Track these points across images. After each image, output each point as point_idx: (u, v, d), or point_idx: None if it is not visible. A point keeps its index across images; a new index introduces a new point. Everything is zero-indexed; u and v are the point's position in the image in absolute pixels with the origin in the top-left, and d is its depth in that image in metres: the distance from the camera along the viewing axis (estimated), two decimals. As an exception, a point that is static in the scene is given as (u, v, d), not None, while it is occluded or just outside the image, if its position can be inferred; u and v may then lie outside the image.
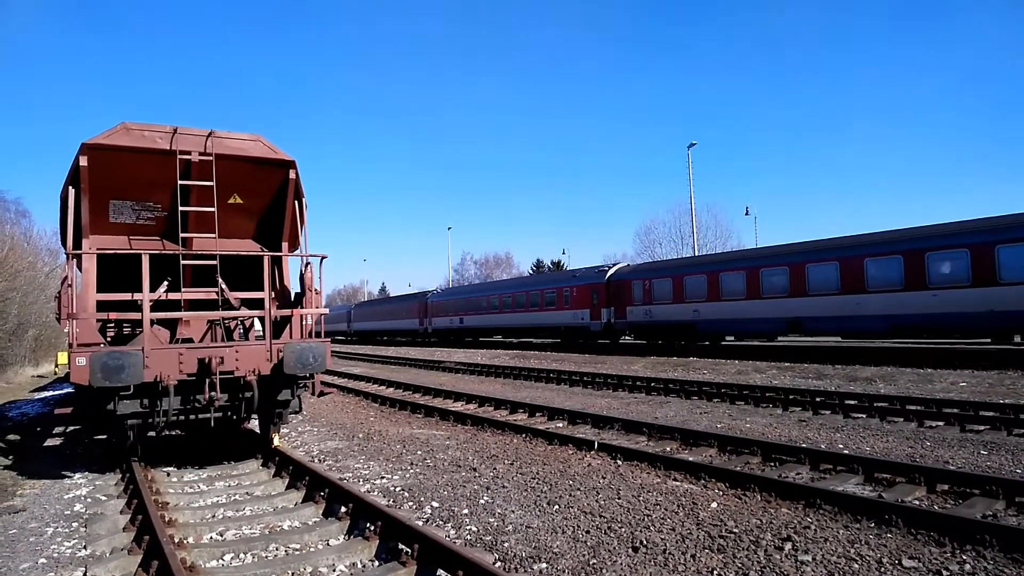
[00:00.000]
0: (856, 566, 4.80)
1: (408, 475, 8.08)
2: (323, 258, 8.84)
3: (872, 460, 7.48)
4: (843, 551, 5.06)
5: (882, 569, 4.74)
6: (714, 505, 6.35)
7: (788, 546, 5.17)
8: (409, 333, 55.00)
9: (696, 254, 40.69)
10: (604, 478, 7.52)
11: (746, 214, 60.80)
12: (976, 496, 6.30)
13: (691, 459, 8.10)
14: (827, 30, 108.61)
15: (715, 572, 4.79)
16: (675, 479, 7.39)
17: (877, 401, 12.07)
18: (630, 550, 5.25)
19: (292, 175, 8.82)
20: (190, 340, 8.74)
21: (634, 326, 30.22)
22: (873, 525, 5.60)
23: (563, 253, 77.89)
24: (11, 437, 12.30)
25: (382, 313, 61.98)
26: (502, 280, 48.78)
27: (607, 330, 31.91)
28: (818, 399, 12.61)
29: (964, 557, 4.88)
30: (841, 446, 8.93)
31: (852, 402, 12.16)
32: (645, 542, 5.38)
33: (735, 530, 5.59)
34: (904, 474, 6.99)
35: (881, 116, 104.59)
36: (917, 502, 6.34)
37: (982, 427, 9.85)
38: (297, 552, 5.50)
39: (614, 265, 33.65)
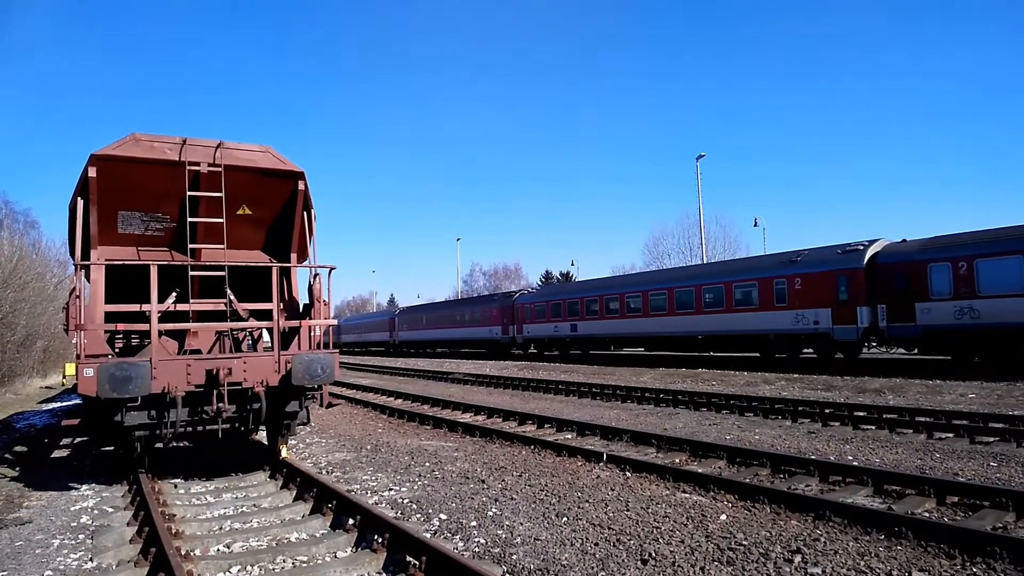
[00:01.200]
0: (867, 579, 4.76)
1: (416, 487, 8.06)
2: (332, 269, 8.87)
3: (882, 472, 7.43)
4: (853, 563, 5.02)
5: (894, 582, 4.70)
6: (723, 517, 6.31)
7: (798, 558, 5.14)
8: (487, 344, 43.00)
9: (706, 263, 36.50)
10: (613, 490, 7.49)
11: (755, 225, 60.56)
12: (986, 508, 6.25)
13: (700, 471, 8.06)
14: (833, 41, 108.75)
15: (725, 585, 4.75)
16: (684, 491, 7.35)
17: (886, 413, 11.99)
18: (639, 562, 5.22)
19: (301, 186, 8.85)
20: (198, 351, 8.75)
21: (934, 332, 19.56)
22: (883, 537, 5.55)
23: (572, 264, 77.64)
24: (18, 448, 12.34)
25: (443, 319, 49.82)
26: (646, 272, 34.62)
27: (865, 339, 22.19)
28: (827, 411, 12.53)
29: (975, 570, 4.84)
30: (850, 458, 8.87)
31: (861, 414, 12.08)
32: (654, 554, 5.35)
33: (744, 542, 5.55)
34: (914, 486, 6.94)
35: (887, 125, 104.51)
36: (927, 514, 6.29)
37: (992, 439, 9.77)
38: (304, 564, 5.48)
39: (873, 242, 22.16)
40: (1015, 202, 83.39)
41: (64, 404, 21.27)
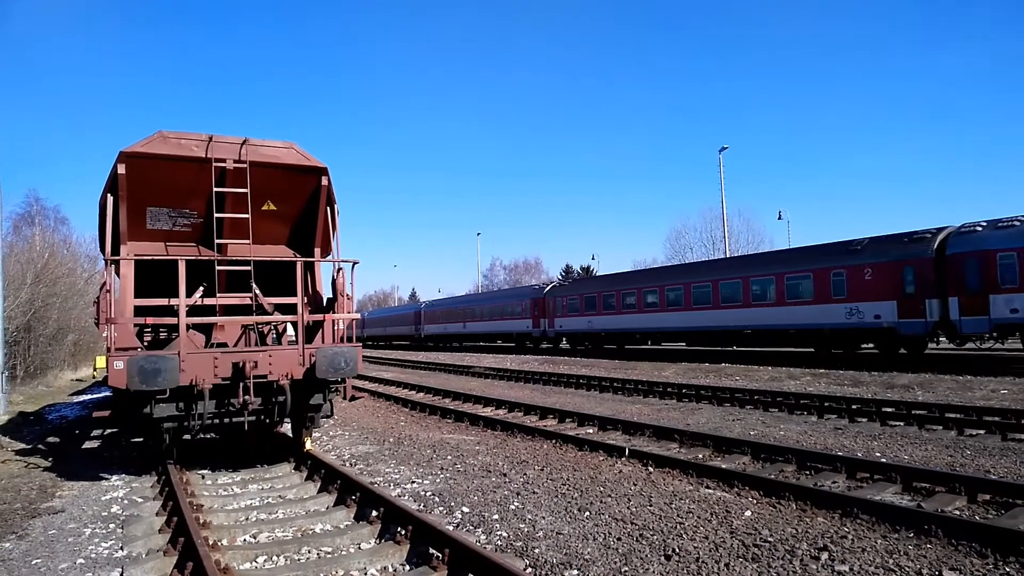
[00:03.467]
0: (895, 577, 4.69)
1: (439, 480, 8.09)
2: (355, 264, 8.92)
3: (911, 469, 7.32)
4: (881, 561, 4.95)
5: (923, 581, 4.64)
6: (748, 513, 6.25)
7: (824, 556, 5.08)
8: (851, 335, 22.15)
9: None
10: (635, 485, 7.46)
11: (779, 218, 60.01)
12: (1019, 507, 6.13)
13: (724, 467, 8.01)
14: (854, 36, 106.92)
15: (749, 581, 4.71)
16: (708, 487, 7.30)
17: (915, 409, 11.80)
18: (662, 558, 5.19)
19: (324, 182, 8.91)
20: (224, 345, 8.87)
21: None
22: (912, 535, 5.47)
23: (592, 259, 77.48)
24: (51, 439, 12.60)
25: (689, 295, 27.90)
26: None
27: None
28: (854, 406, 12.37)
29: (1008, 569, 4.75)
30: (878, 454, 8.75)
31: (889, 410, 11.90)
32: (678, 550, 5.32)
33: (770, 539, 5.50)
34: (944, 483, 6.83)
35: (911, 119, 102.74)
36: (958, 512, 6.18)
37: (1025, 436, 9.59)
38: (329, 555, 5.54)
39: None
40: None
41: (94, 396, 21.65)
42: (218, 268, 8.61)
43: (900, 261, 20.55)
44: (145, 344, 10.34)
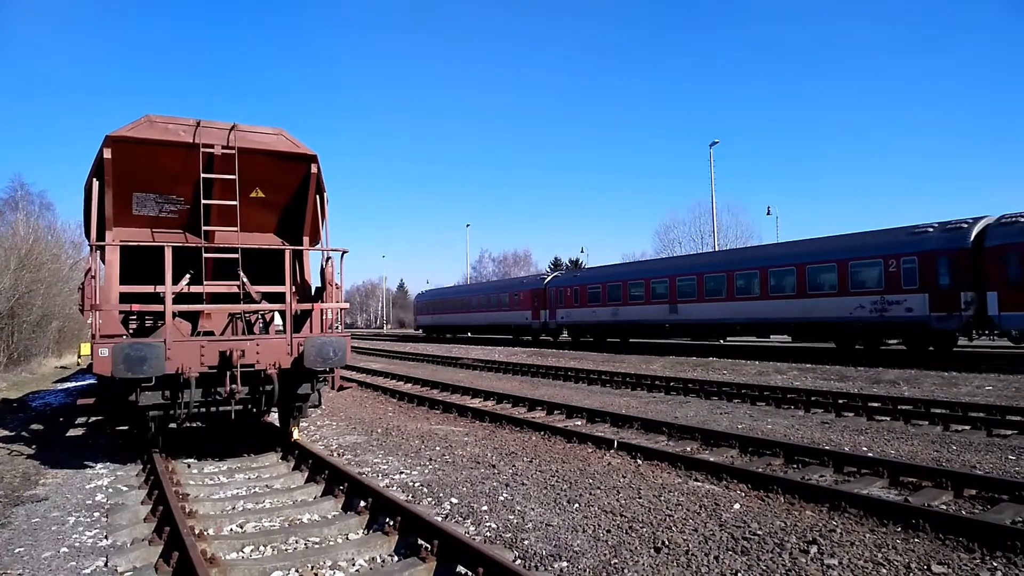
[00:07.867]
0: (884, 571, 4.71)
1: (427, 471, 8.06)
2: (344, 253, 8.84)
3: (897, 463, 7.35)
4: (870, 555, 4.97)
5: (910, 574, 4.65)
6: (737, 506, 6.26)
7: (814, 549, 5.09)
8: None
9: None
10: (624, 477, 7.46)
11: (767, 214, 60.33)
12: (1005, 501, 6.17)
13: (712, 459, 8.01)
14: (848, 34, 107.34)
15: (739, 574, 4.71)
16: (696, 479, 7.31)
17: (901, 404, 11.87)
18: (652, 550, 5.19)
19: (314, 169, 8.82)
20: (211, 333, 8.77)
21: None
22: (900, 529, 5.50)
23: (582, 251, 77.52)
24: (35, 427, 12.45)
25: None
26: None
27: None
28: (841, 401, 12.44)
29: (995, 564, 4.78)
30: (865, 449, 8.79)
31: (876, 404, 11.97)
32: (667, 542, 5.31)
33: (759, 532, 5.51)
34: (930, 478, 6.87)
35: (899, 118, 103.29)
36: (944, 507, 6.22)
37: (1009, 431, 9.67)
38: (317, 545, 5.50)
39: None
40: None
41: (79, 384, 21.44)
42: (205, 255, 8.50)
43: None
44: (130, 332, 10.22)
